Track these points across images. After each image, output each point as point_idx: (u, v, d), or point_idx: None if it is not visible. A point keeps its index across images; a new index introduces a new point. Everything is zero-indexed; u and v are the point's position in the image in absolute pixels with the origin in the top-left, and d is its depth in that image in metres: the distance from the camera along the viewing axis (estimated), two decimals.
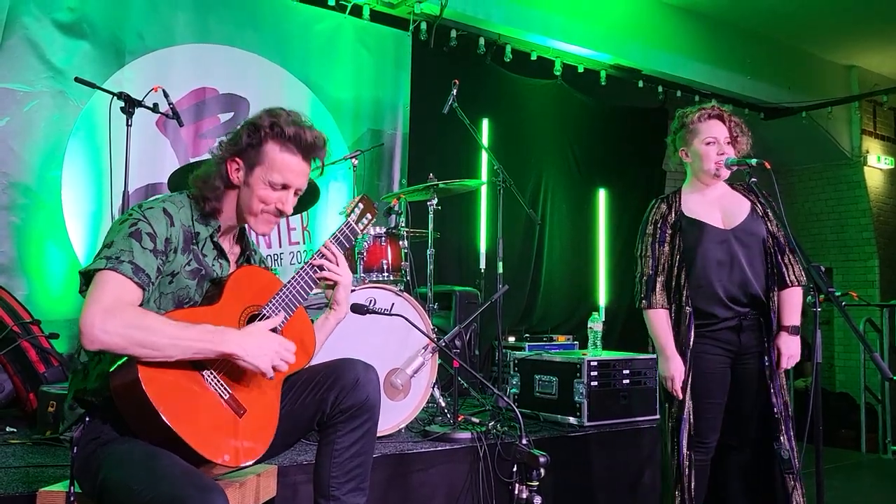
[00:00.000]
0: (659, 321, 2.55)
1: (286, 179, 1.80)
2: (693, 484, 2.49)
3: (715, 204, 2.57)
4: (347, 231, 2.03)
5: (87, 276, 1.63)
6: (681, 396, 2.50)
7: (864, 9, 6.49)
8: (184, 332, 1.58)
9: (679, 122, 2.62)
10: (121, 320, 1.54)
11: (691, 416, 2.50)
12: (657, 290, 2.56)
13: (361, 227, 2.09)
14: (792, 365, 2.50)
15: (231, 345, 1.62)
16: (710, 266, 2.49)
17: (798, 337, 2.49)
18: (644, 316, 2.60)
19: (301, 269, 1.91)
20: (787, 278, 2.51)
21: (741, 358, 2.53)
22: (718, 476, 2.60)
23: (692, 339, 2.50)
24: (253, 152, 1.79)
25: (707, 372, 2.51)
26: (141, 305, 1.64)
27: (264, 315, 1.78)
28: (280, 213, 1.83)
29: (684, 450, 2.49)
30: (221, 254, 1.84)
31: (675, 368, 2.49)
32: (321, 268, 1.93)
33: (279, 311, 1.80)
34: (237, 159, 1.80)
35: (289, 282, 1.86)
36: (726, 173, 2.54)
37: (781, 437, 2.45)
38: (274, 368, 1.70)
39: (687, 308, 2.50)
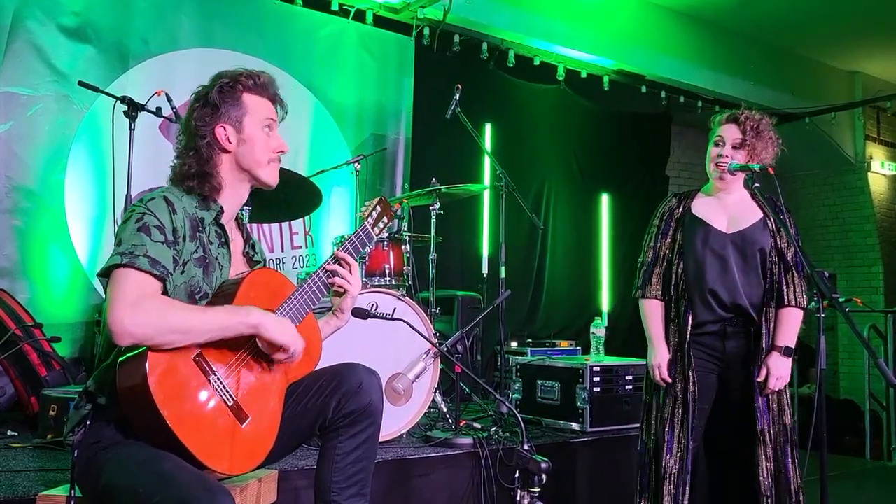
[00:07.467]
0: (651, 311, 2.57)
1: (272, 115, 1.87)
2: (674, 481, 2.43)
3: (725, 209, 2.54)
4: (363, 235, 2.02)
5: (106, 275, 1.63)
6: (669, 380, 2.47)
7: (868, 15, 6.48)
8: (212, 315, 1.63)
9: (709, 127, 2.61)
10: (148, 312, 1.55)
11: (679, 414, 2.46)
12: (653, 280, 2.58)
13: (377, 231, 2.08)
14: (779, 387, 2.41)
15: (260, 326, 1.66)
16: (701, 264, 2.48)
17: (789, 360, 2.40)
18: (639, 305, 2.61)
19: (314, 273, 1.90)
20: (786, 297, 2.43)
21: (729, 366, 2.50)
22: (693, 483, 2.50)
23: (689, 331, 2.47)
24: (234, 110, 1.83)
25: (694, 375, 2.47)
26: None
27: None
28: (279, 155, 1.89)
29: (674, 446, 2.44)
30: (225, 241, 1.84)
31: (660, 356, 2.51)
32: (334, 273, 1.92)
33: (287, 315, 1.80)
34: (223, 124, 1.82)
35: (300, 287, 1.86)
36: (729, 179, 2.50)
37: (761, 459, 2.37)
38: (290, 357, 1.72)
39: (683, 301, 2.50)
